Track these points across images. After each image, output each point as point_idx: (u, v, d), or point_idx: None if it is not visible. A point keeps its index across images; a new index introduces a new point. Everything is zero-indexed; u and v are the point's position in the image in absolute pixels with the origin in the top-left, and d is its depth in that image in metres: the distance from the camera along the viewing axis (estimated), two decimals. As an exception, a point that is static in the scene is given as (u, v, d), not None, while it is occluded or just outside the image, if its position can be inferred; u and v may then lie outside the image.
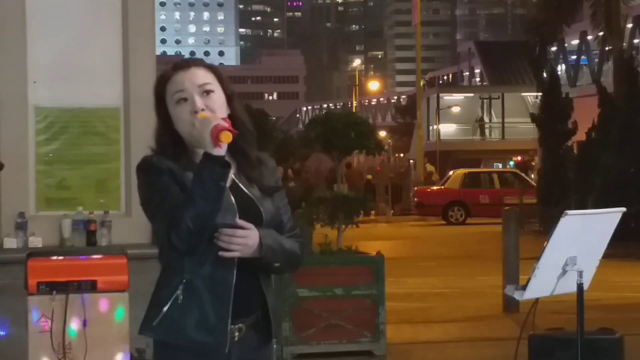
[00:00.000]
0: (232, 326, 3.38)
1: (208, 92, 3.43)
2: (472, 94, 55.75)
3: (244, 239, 3.32)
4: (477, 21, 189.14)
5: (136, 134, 8.44)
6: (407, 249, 21.82)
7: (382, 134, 65.96)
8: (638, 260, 18.26)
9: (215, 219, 3.27)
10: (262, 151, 3.61)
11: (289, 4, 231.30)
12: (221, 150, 3.25)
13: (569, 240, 4.62)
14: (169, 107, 3.45)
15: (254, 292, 3.44)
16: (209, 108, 3.40)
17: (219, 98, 3.44)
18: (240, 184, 3.44)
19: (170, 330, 3.38)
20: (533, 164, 45.37)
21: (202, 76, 3.45)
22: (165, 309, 3.38)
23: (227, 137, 3.23)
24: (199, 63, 3.50)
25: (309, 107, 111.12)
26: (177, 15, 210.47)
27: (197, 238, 3.26)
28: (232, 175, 3.41)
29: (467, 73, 70.89)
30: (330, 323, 9.15)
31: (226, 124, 3.28)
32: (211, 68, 3.50)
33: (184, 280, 3.36)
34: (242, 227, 3.34)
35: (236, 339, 3.41)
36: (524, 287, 4.63)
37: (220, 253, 3.32)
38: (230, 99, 3.49)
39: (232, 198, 3.38)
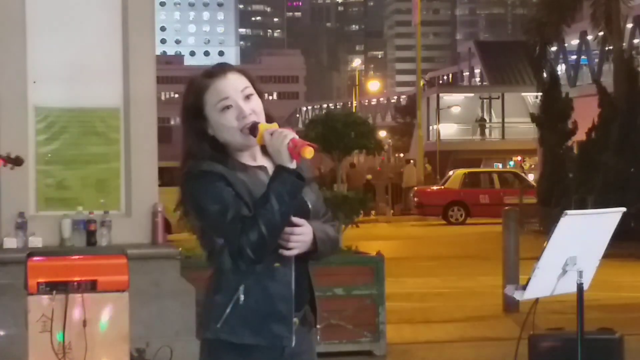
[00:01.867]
0: (293, 323, 3.45)
1: (249, 96, 3.45)
2: (472, 94, 55.74)
3: (302, 236, 3.38)
4: (477, 21, 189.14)
5: (136, 134, 8.45)
6: (407, 249, 21.81)
7: (382, 134, 65.92)
8: (638, 260, 18.25)
9: (284, 228, 3.33)
10: None
11: (289, 4, 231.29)
12: (295, 163, 3.30)
13: (569, 240, 4.62)
14: (211, 115, 3.43)
15: (305, 284, 3.52)
16: (254, 112, 3.43)
17: (258, 100, 3.47)
18: None
19: (235, 331, 3.39)
20: (525, 168, 45.40)
21: (241, 81, 3.47)
22: (228, 310, 3.40)
23: (310, 153, 3.28)
24: (232, 68, 3.52)
25: (309, 107, 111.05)
26: (177, 15, 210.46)
27: (269, 246, 3.31)
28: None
29: (467, 73, 70.89)
30: (330, 323, 9.15)
31: (298, 137, 3.32)
32: (242, 71, 3.52)
33: (244, 281, 3.39)
34: (297, 225, 3.39)
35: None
36: (524, 287, 4.63)
37: (281, 251, 3.36)
38: (261, 98, 3.52)
39: None
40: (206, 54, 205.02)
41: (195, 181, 3.36)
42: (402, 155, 59.81)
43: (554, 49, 35.52)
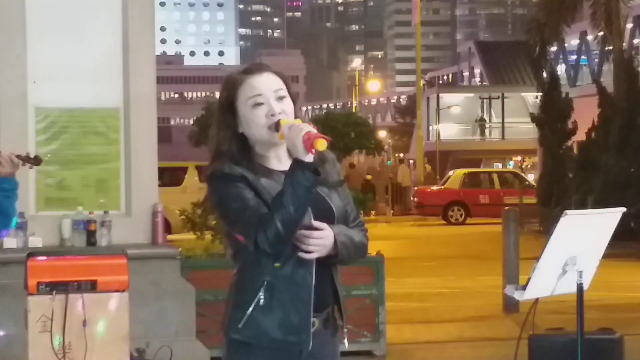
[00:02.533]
0: (311, 326, 3.46)
1: (282, 97, 3.50)
2: (472, 94, 55.75)
3: (321, 240, 3.40)
4: (477, 21, 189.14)
5: (136, 134, 8.44)
6: (407, 249, 21.81)
7: (382, 134, 65.92)
8: (638, 260, 18.26)
9: (302, 222, 3.34)
10: None
11: (289, 4, 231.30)
12: (312, 157, 3.31)
13: (569, 240, 4.62)
14: (241, 110, 3.49)
15: (328, 287, 3.53)
16: (284, 112, 3.47)
17: (290, 103, 3.51)
18: None
19: (255, 332, 3.43)
20: (523, 167, 45.39)
21: (276, 82, 3.52)
22: (249, 311, 3.43)
23: (323, 145, 3.28)
24: (269, 68, 3.57)
25: (309, 107, 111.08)
26: (177, 15, 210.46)
27: (285, 241, 3.33)
28: None
29: (467, 73, 70.87)
30: (330, 323, 9.15)
31: (316, 131, 3.32)
32: (279, 74, 3.56)
33: (265, 282, 3.42)
34: (317, 229, 3.41)
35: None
36: (524, 287, 4.63)
37: (300, 254, 3.39)
38: (294, 102, 3.55)
39: None
40: (206, 54, 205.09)
41: (218, 182, 3.43)
42: (402, 155, 59.81)
43: (554, 49, 35.51)
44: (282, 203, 3.29)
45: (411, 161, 47.68)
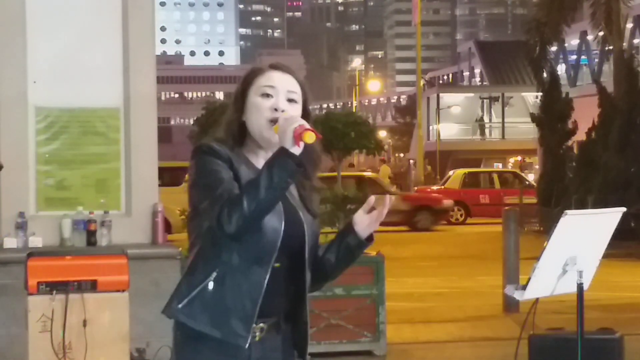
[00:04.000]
0: (254, 325, 3.40)
1: (292, 100, 3.51)
2: (472, 94, 55.77)
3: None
4: (477, 21, 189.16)
5: (136, 134, 8.45)
6: (407, 249, 21.81)
7: (382, 134, 65.92)
8: (638, 260, 18.26)
9: (268, 214, 3.32)
10: None
11: (289, 4, 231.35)
12: (298, 149, 3.30)
13: (569, 240, 4.62)
14: (250, 96, 3.51)
15: (282, 295, 3.48)
16: (289, 113, 3.46)
17: (297, 111, 3.51)
18: (287, 195, 3.48)
19: (194, 315, 3.40)
20: (525, 169, 45.36)
21: (294, 85, 3.54)
22: (194, 293, 3.41)
23: (310, 137, 3.29)
24: (295, 74, 3.59)
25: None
26: (177, 15, 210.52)
27: (247, 225, 3.29)
28: None
29: (467, 73, 70.92)
30: (330, 323, 9.15)
31: (310, 127, 3.33)
32: (302, 84, 3.58)
33: (218, 270, 3.39)
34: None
35: (257, 338, 3.43)
36: (524, 287, 4.63)
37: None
38: (308, 118, 3.52)
39: (280, 203, 3.42)
40: (206, 54, 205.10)
41: (202, 155, 3.44)
42: (402, 155, 59.81)
43: (554, 49, 35.51)
44: (255, 184, 3.27)
45: (411, 161, 47.66)
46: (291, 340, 3.54)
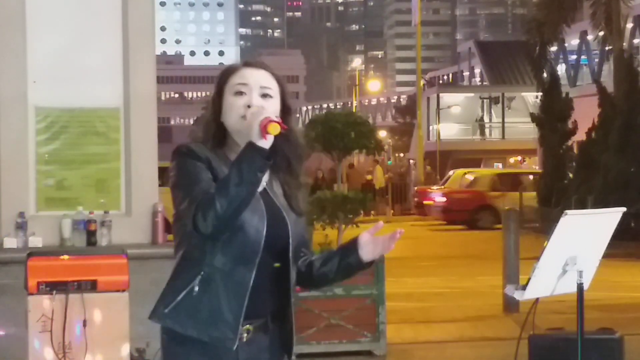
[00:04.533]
0: (241, 326, 3.39)
1: (267, 95, 3.49)
2: (472, 94, 55.74)
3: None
4: (477, 21, 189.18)
5: (136, 134, 8.44)
6: (407, 249, 21.81)
7: (382, 134, 65.92)
8: (638, 260, 18.26)
9: (243, 210, 3.30)
10: None
11: (289, 4, 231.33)
12: (266, 142, 3.29)
13: (569, 240, 4.62)
14: (225, 95, 3.51)
15: (272, 297, 3.47)
16: (264, 109, 3.43)
17: (275, 106, 3.50)
18: (271, 194, 3.48)
19: (181, 320, 3.39)
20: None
21: (268, 80, 3.52)
22: (179, 298, 3.39)
23: (274, 129, 3.28)
24: (269, 69, 3.58)
25: (309, 107, 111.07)
26: (177, 15, 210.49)
27: (222, 224, 3.27)
28: (264, 183, 3.45)
29: (467, 73, 70.87)
30: (330, 323, 9.15)
31: (278, 119, 3.32)
32: (277, 78, 3.56)
33: (202, 272, 3.38)
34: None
35: (245, 339, 3.42)
36: (524, 287, 4.63)
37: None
38: (287, 112, 3.53)
39: (262, 203, 3.41)
40: (206, 54, 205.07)
41: (181, 157, 3.44)
42: (402, 155, 59.80)
43: (554, 49, 35.52)
44: (225, 182, 3.27)
45: (412, 161, 47.65)
46: (279, 340, 3.53)
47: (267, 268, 3.42)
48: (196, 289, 3.37)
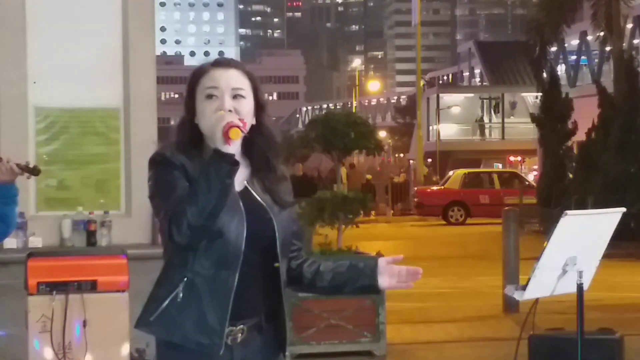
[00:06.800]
0: (233, 328, 3.38)
1: (239, 96, 3.45)
2: (472, 94, 55.74)
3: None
4: (477, 21, 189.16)
5: (136, 134, 8.44)
6: (407, 249, 21.81)
7: (382, 134, 65.92)
8: (638, 260, 18.27)
9: (217, 217, 3.26)
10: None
11: (289, 4, 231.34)
12: (230, 148, 3.26)
13: (569, 240, 4.62)
14: (197, 99, 3.46)
15: (260, 295, 3.44)
16: (236, 112, 3.40)
17: (248, 105, 3.46)
18: (252, 191, 3.45)
19: (167, 327, 3.38)
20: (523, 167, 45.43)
21: (239, 80, 3.47)
22: (164, 305, 3.38)
23: (235, 134, 3.24)
24: (240, 66, 3.52)
25: (309, 107, 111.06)
26: (177, 15, 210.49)
27: (197, 233, 3.25)
28: (245, 182, 3.43)
29: (467, 73, 70.88)
30: (330, 323, 9.15)
31: (239, 123, 3.29)
32: (249, 75, 3.51)
33: (185, 279, 3.36)
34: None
35: (238, 340, 3.41)
36: (524, 287, 4.63)
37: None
38: (260, 108, 3.50)
39: (241, 204, 3.38)
40: (206, 54, 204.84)
41: (157, 166, 3.40)
42: (402, 155, 59.80)
43: (554, 49, 35.51)
44: (194, 193, 3.24)
45: (411, 161, 47.66)
46: (274, 339, 3.51)
47: (257, 267, 3.40)
48: (180, 295, 3.36)
